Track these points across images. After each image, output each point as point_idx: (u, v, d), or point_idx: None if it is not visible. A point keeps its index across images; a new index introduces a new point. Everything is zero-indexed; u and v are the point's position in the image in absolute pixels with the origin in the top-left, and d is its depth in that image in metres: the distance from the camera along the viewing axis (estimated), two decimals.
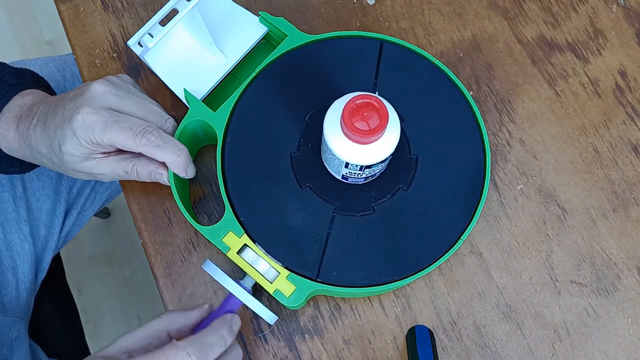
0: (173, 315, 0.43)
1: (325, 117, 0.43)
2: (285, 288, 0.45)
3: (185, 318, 0.44)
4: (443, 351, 0.49)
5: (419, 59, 0.50)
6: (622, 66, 0.56)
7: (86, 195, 0.72)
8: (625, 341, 0.49)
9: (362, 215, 0.47)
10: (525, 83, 0.55)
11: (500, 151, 0.54)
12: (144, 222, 0.52)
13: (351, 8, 0.58)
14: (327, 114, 0.43)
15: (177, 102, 0.55)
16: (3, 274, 0.63)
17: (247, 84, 0.50)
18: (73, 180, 0.70)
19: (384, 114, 0.39)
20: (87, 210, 0.74)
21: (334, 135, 0.42)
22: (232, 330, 0.43)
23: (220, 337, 0.41)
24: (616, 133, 0.54)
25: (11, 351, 0.61)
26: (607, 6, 0.58)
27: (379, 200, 0.47)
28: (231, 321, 0.43)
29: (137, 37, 0.47)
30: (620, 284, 0.50)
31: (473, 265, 0.51)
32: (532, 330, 0.49)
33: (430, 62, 0.50)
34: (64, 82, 0.67)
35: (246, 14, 0.53)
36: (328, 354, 0.49)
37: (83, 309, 1.24)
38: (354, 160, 0.42)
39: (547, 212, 0.52)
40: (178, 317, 0.43)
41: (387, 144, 0.42)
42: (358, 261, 0.45)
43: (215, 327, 0.42)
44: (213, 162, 0.54)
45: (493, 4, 0.58)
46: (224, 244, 0.46)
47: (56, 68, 0.68)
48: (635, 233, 0.52)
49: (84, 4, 0.58)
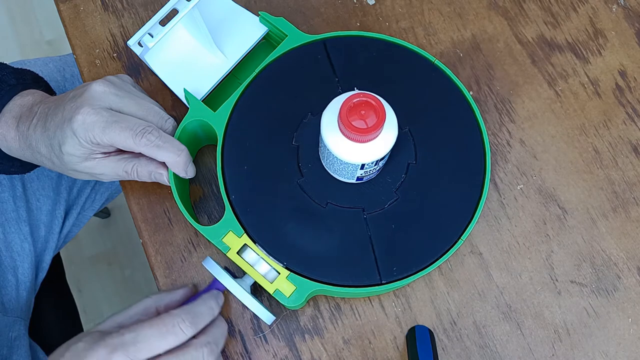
0: (161, 294, 0.48)
1: (322, 116, 0.43)
2: (285, 288, 0.45)
3: (172, 295, 0.48)
4: (443, 351, 0.49)
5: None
6: (622, 66, 0.56)
7: (86, 195, 0.72)
8: (625, 341, 0.49)
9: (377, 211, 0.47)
10: (526, 83, 0.55)
11: (500, 151, 0.54)
12: (144, 222, 0.52)
13: (351, 8, 0.58)
14: (324, 114, 0.43)
15: (177, 102, 0.55)
16: (3, 274, 0.63)
17: (247, 84, 0.50)
18: (73, 180, 0.70)
19: (381, 111, 0.39)
20: (87, 210, 0.74)
21: (331, 135, 0.42)
22: (218, 303, 0.47)
23: (210, 308, 0.45)
24: (616, 133, 0.54)
25: (11, 351, 0.61)
26: (607, 6, 0.58)
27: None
28: (217, 295, 0.47)
29: (137, 37, 0.47)
30: (620, 284, 0.50)
31: (473, 265, 0.51)
32: (532, 330, 0.49)
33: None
34: (64, 82, 0.67)
35: (246, 14, 0.53)
36: (328, 354, 0.49)
37: (83, 309, 1.24)
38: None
39: (547, 212, 0.52)
40: (165, 295, 0.48)
41: (385, 142, 0.42)
42: (406, 250, 0.46)
43: (204, 299, 0.46)
44: (213, 162, 0.54)
45: (493, 4, 0.58)
46: (224, 244, 0.46)
47: (56, 68, 0.68)
48: (635, 233, 0.52)
49: (84, 4, 0.58)
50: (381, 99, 0.42)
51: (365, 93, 0.40)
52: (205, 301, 0.45)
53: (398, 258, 0.45)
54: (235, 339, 0.49)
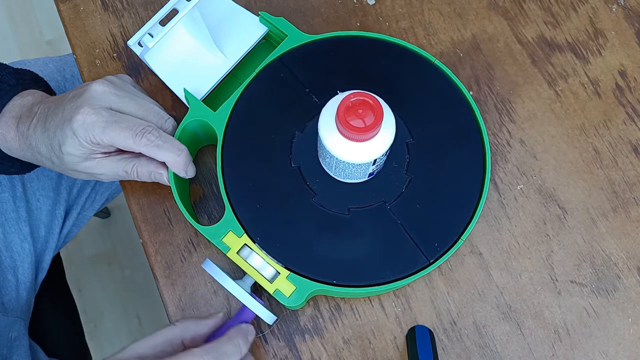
0: (187, 323, 0.43)
1: (319, 117, 0.43)
2: (285, 288, 0.45)
3: (199, 326, 0.44)
4: (443, 351, 0.49)
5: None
6: (622, 66, 0.56)
7: (86, 195, 0.72)
8: (625, 341, 0.49)
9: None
10: (526, 83, 0.55)
11: (500, 151, 0.54)
12: (144, 222, 0.52)
13: (351, 8, 0.58)
14: (321, 114, 0.43)
15: (177, 102, 0.55)
16: (3, 274, 0.63)
17: (247, 84, 0.50)
18: (73, 180, 0.70)
19: (378, 111, 0.39)
20: (87, 211, 0.74)
21: (329, 134, 0.42)
22: (247, 340, 0.43)
23: (236, 346, 0.41)
24: (616, 133, 0.54)
25: (11, 351, 0.61)
26: (607, 6, 0.58)
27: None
28: (246, 331, 0.43)
29: (137, 37, 0.47)
30: (620, 284, 0.50)
31: (473, 265, 0.51)
32: (532, 330, 0.49)
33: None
34: (64, 82, 0.67)
35: (246, 14, 0.53)
36: (328, 354, 0.49)
37: (83, 309, 1.24)
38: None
39: (547, 212, 0.52)
40: (192, 326, 0.43)
41: (383, 141, 0.42)
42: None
43: (231, 337, 0.42)
44: (213, 162, 0.54)
45: (493, 4, 0.58)
46: (224, 244, 0.46)
47: (56, 68, 0.68)
48: (635, 233, 0.52)
49: (84, 4, 0.58)
50: (379, 97, 0.42)
51: (362, 92, 0.40)
52: (231, 339, 0.42)
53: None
54: None
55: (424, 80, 0.50)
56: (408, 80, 0.50)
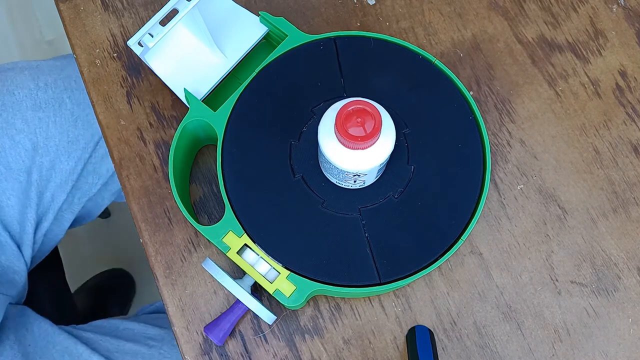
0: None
1: (319, 125, 0.43)
2: (285, 288, 0.45)
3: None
4: (443, 351, 0.49)
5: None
6: (623, 66, 0.56)
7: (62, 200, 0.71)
8: (625, 341, 0.49)
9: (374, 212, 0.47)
10: (526, 83, 0.55)
11: (500, 151, 0.54)
12: (144, 222, 0.52)
13: (351, 8, 0.58)
14: (320, 122, 0.42)
15: (177, 102, 0.55)
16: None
17: (247, 84, 0.50)
18: (45, 185, 0.69)
19: (377, 118, 0.39)
20: (65, 212, 0.72)
21: (329, 143, 0.42)
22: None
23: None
24: (616, 133, 0.54)
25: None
26: (607, 6, 0.58)
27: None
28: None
29: (137, 37, 0.47)
30: (621, 284, 0.50)
31: (473, 265, 0.51)
32: (532, 330, 0.49)
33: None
34: (36, 90, 0.67)
35: (246, 14, 0.53)
36: (328, 354, 0.49)
37: None
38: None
39: (547, 212, 0.52)
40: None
41: (384, 149, 0.42)
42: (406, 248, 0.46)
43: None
44: (213, 162, 0.54)
45: (493, 4, 0.58)
46: (224, 244, 0.46)
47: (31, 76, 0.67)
48: (635, 233, 0.52)
49: (84, 3, 0.58)
50: (377, 105, 0.42)
51: (360, 100, 0.40)
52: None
53: (397, 258, 0.45)
54: (235, 339, 0.49)
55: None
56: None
